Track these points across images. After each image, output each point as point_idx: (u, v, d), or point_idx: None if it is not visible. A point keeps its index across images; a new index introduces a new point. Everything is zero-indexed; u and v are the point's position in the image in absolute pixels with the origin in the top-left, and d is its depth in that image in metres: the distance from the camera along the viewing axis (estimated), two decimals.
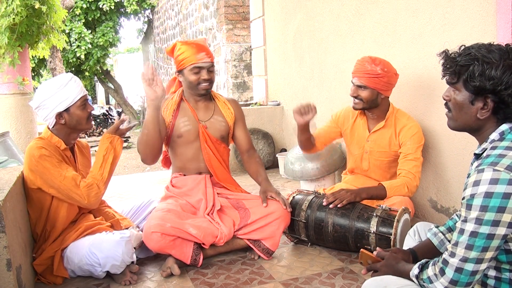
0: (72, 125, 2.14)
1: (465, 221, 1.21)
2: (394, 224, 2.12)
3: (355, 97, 2.48)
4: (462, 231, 1.22)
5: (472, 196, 1.19)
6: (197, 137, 2.47)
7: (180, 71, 2.45)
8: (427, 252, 1.54)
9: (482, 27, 2.25)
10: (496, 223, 1.16)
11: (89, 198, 2.08)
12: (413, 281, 1.34)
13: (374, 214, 2.22)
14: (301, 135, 2.63)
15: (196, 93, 2.46)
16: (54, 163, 2.05)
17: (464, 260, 1.21)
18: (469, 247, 1.20)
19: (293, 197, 2.53)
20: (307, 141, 2.68)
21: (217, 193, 2.46)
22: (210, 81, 2.44)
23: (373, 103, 2.47)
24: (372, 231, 2.18)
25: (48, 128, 2.16)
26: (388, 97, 2.53)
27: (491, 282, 1.31)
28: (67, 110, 2.10)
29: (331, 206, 2.31)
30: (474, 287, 1.32)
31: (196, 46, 2.40)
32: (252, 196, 2.54)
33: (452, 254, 1.23)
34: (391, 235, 2.12)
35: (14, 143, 3.82)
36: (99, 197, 2.13)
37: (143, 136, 2.32)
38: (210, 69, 2.43)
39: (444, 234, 1.55)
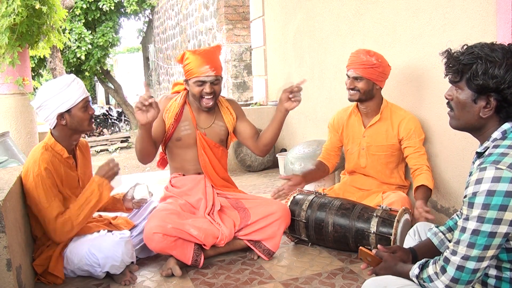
0: (74, 127, 2.12)
1: (467, 219, 1.21)
2: (394, 224, 2.12)
3: (352, 89, 2.52)
4: (463, 229, 1.22)
5: (474, 194, 1.19)
6: (195, 142, 2.46)
7: (186, 81, 2.42)
8: (427, 251, 1.54)
9: (482, 27, 2.25)
10: (498, 221, 1.16)
11: (61, 234, 2.04)
12: (413, 281, 1.34)
13: (374, 214, 2.22)
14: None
15: (200, 106, 2.41)
16: (47, 187, 2.02)
17: (466, 258, 1.21)
18: (470, 245, 1.20)
19: (294, 197, 2.53)
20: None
21: (217, 193, 2.46)
22: (214, 94, 2.37)
23: (369, 94, 2.51)
24: (372, 231, 2.18)
25: (51, 134, 2.14)
26: (381, 89, 2.57)
27: (491, 281, 1.31)
28: (68, 111, 2.08)
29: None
30: (474, 286, 1.32)
31: (201, 58, 2.32)
32: (251, 196, 2.54)
33: (454, 252, 1.23)
34: (391, 235, 2.12)
35: (14, 143, 3.82)
36: (70, 235, 2.07)
37: (136, 148, 2.31)
38: (215, 83, 2.35)
39: (444, 234, 1.55)
